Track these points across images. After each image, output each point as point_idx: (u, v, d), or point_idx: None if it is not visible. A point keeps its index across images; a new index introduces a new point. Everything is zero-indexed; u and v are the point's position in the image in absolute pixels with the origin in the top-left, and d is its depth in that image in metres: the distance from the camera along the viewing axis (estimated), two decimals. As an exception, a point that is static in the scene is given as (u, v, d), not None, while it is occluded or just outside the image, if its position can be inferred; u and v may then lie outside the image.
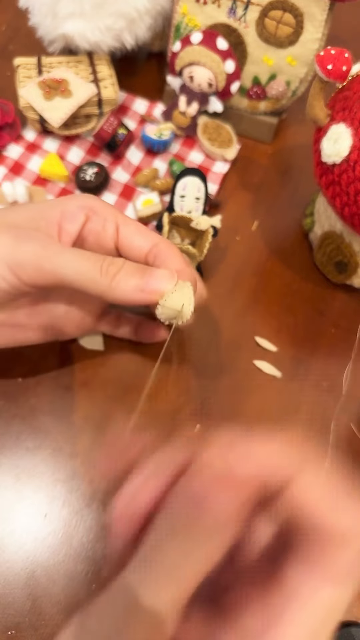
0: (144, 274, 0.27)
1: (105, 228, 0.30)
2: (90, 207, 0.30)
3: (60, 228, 0.29)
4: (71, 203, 0.30)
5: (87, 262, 0.27)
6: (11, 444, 0.33)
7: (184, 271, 0.28)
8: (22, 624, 0.29)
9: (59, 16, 0.43)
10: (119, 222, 0.30)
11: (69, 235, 0.29)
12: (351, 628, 0.30)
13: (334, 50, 0.32)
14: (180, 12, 0.45)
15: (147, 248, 0.30)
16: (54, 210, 0.29)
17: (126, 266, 0.27)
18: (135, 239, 0.30)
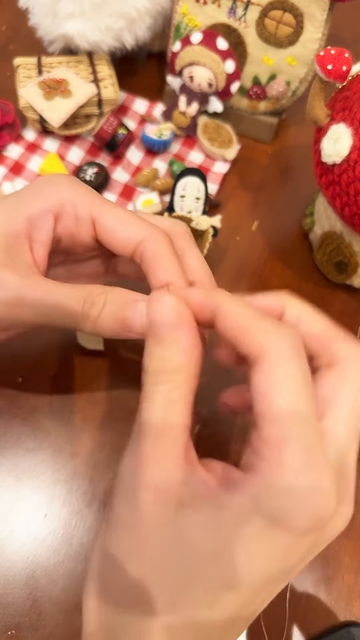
0: (126, 310, 0.24)
1: (79, 226, 0.27)
2: (59, 204, 0.26)
3: (30, 240, 0.26)
4: (36, 205, 0.26)
5: (67, 306, 0.25)
6: (11, 444, 0.33)
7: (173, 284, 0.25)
8: (22, 624, 0.29)
9: (59, 16, 0.43)
10: (95, 213, 0.26)
11: (42, 244, 0.27)
12: (351, 628, 0.30)
13: (334, 50, 0.32)
14: (180, 12, 0.45)
15: (133, 244, 0.26)
16: (18, 221, 0.26)
17: (107, 306, 0.24)
18: (116, 233, 0.26)
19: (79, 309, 0.24)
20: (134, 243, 0.26)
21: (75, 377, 0.36)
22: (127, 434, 0.35)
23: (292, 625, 0.31)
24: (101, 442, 0.34)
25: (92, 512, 0.32)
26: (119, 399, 0.36)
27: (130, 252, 0.26)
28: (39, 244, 0.26)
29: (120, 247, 0.26)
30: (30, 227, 0.26)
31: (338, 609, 0.32)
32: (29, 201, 0.26)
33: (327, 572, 0.33)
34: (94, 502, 0.32)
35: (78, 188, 0.27)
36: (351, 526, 0.34)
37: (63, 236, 0.27)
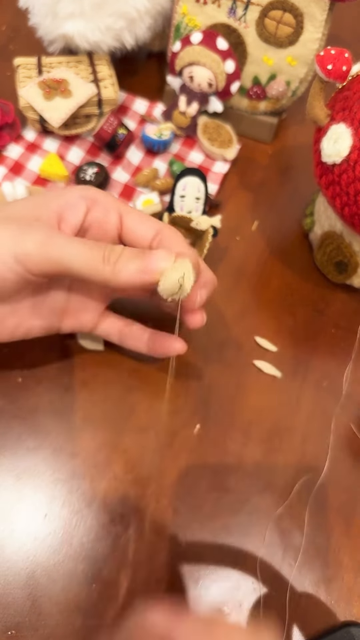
0: (143, 256, 0.28)
1: (108, 217, 0.30)
2: (92, 197, 0.30)
3: (61, 218, 0.29)
4: (72, 194, 0.30)
5: (90, 251, 0.28)
6: (11, 443, 0.33)
7: (185, 253, 0.29)
8: (22, 624, 0.29)
9: (59, 16, 0.43)
10: (122, 211, 0.31)
11: (70, 225, 0.30)
12: (351, 628, 0.30)
13: (334, 50, 0.32)
14: (180, 12, 0.45)
15: (151, 235, 0.30)
16: (55, 201, 0.30)
17: (126, 252, 0.28)
18: (139, 227, 0.30)
19: (100, 252, 0.28)
20: (152, 233, 0.30)
21: (75, 377, 0.36)
22: (127, 433, 0.35)
23: (292, 625, 0.31)
24: (101, 442, 0.34)
25: (92, 511, 0.32)
26: (119, 398, 0.36)
27: (149, 241, 0.30)
28: (67, 223, 0.29)
29: (141, 237, 0.31)
30: (63, 208, 0.29)
31: (338, 609, 0.32)
32: (66, 192, 0.30)
33: (327, 573, 0.33)
34: (94, 502, 0.32)
35: (106, 192, 0.31)
36: (351, 526, 0.34)
37: (93, 225, 0.30)
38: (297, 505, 0.34)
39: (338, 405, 0.38)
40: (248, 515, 0.33)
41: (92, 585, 0.30)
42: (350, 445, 0.37)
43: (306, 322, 0.41)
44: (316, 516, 0.34)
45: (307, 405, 0.38)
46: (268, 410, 0.37)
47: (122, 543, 0.31)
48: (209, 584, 0.31)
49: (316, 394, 0.38)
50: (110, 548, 0.31)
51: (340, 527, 0.34)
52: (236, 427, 0.36)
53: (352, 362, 0.39)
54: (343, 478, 0.35)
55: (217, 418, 0.36)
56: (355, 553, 0.33)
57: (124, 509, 0.32)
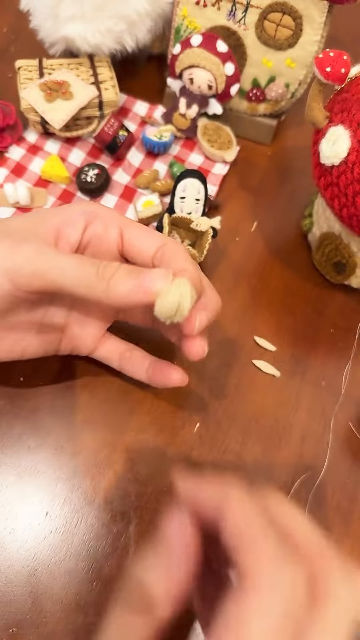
0: (139, 274, 0.26)
1: (108, 232, 0.29)
2: (92, 212, 0.29)
3: (59, 234, 0.29)
4: (72, 210, 0.29)
5: (83, 267, 0.26)
6: (13, 443, 0.34)
7: (187, 270, 0.28)
8: (24, 622, 0.29)
9: (60, 18, 0.43)
10: (122, 226, 0.30)
11: (69, 242, 0.29)
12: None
13: (332, 52, 0.32)
14: (180, 14, 0.46)
15: (153, 250, 0.29)
16: (54, 218, 0.29)
17: (121, 269, 0.27)
18: (140, 242, 0.29)
19: (94, 268, 0.26)
20: (153, 249, 0.29)
21: (76, 376, 0.36)
22: (127, 433, 0.35)
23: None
24: (102, 441, 0.34)
25: (93, 510, 0.32)
26: (120, 397, 0.36)
27: (150, 257, 0.29)
28: (66, 239, 0.29)
29: (143, 253, 0.29)
30: (61, 224, 0.29)
31: (337, 606, 0.32)
32: (66, 208, 0.30)
33: (326, 570, 0.33)
34: (95, 501, 0.33)
35: (107, 207, 0.30)
36: (350, 525, 0.34)
37: (92, 240, 0.30)
38: (296, 503, 0.34)
39: (337, 404, 0.38)
40: (248, 513, 0.34)
41: (93, 583, 0.31)
42: (349, 444, 0.37)
43: (305, 322, 0.41)
44: (315, 515, 0.34)
45: (306, 404, 0.38)
46: (267, 410, 0.37)
47: (123, 541, 0.32)
48: (208, 581, 0.32)
49: (315, 393, 0.38)
50: (111, 546, 0.32)
51: (339, 525, 0.34)
52: (236, 426, 0.36)
53: (350, 362, 0.39)
54: (342, 477, 0.36)
55: (216, 417, 0.37)
56: (355, 551, 0.33)
57: (125, 508, 0.33)
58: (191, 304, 0.26)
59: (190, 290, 0.26)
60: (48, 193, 0.44)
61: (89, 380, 0.36)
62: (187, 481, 0.23)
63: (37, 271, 0.26)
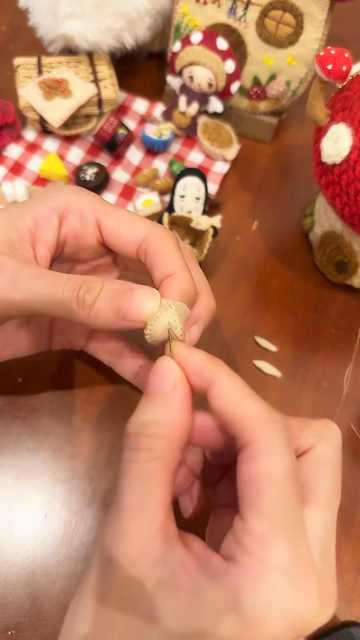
0: (123, 297, 0.24)
1: (84, 226, 0.27)
2: (65, 205, 0.27)
3: (34, 238, 0.26)
4: (43, 206, 0.26)
5: (62, 292, 0.24)
6: (11, 444, 0.33)
7: (177, 274, 0.25)
8: (22, 624, 0.29)
9: (59, 16, 0.43)
10: (100, 215, 0.27)
11: (46, 244, 0.27)
12: (351, 628, 0.30)
13: (334, 50, 0.32)
14: (180, 12, 0.45)
15: (136, 242, 0.26)
16: (25, 219, 0.26)
17: (104, 292, 0.24)
18: (121, 233, 0.26)
19: (74, 293, 0.24)
20: (138, 240, 0.26)
21: (75, 378, 0.36)
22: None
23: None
24: (101, 442, 0.34)
25: (92, 512, 0.32)
26: (118, 398, 0.36)
27: (135, 250, 0.26)
28: (43, 243, 0.26)
29: (125, 246, 0.26)
30: (34, 226, 0.26)
31: (338, 609, 0.32)
32: (36, 205, 0.27)
33: (327, 572, 0.33)
34: (94, 502, 0.32)
35: (82, 193, 0.27)
36: (351, 526, 0.34)
37: (68, 237, 0.27)
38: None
39: (338, 405, 0.38)
40: (248, 515, 0.33)
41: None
42: (350, 445, 0.37)
43: (306, 322, 0.41)
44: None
45: (307, 405, 0.38)
46: (268, 411, 0.37)
47: (122, 543, 0.31)
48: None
49: (316, 394, 0.38)
50: (110, 548, 0.31)
51: (340, 526, 0.34)
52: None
53: (352, 362, 0.39)
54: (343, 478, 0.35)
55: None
56: (356, 553, 0.33)
57: (124, 509, 0.32)
58: (183, 325, 0.24)
59: (182, 311, 0.24)
60: (47, 192, 0.44)
61: (87, 381, 0.36)
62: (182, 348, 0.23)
63: (12, 299, 0.24)
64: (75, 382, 0.36)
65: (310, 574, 0.18)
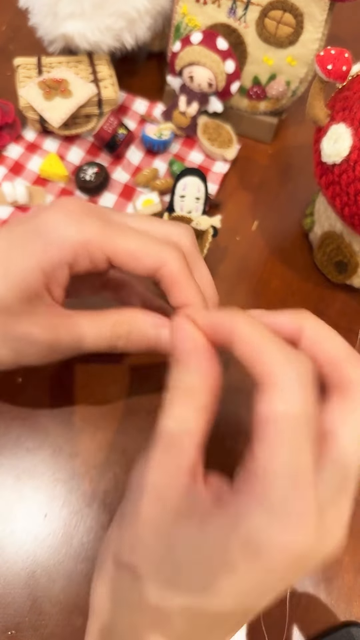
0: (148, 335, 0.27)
1: (94, 264, 0.27)
2: (72, 253, 0.26)
3: (47, 286, 0.26)
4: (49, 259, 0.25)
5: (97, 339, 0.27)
6: (11, 444, 0.33)
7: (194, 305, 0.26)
8: (22, 624, 0.29)
9: (59, 16, 0.43)
10: (108, 252, 0.26)
11: (59, 286, 0.27)
12: (351, 628, 0.30)
13: (334, 50, 0.32)
14: (180, 12, 0.45)
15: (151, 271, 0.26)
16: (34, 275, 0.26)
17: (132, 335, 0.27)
18: (133, 264, 0.26)
19: (107, 343, 0.27)
20: (152, 270, 0.26)
21: (75, 378, 0.36)
22: (127, 433, 0.35)
23: (292, 625, 0.31)
24: (101, 442, 0.34)
25: (92, 512, 0.32)
26: (119, 398, 0.36)
27: (149, 276, 0.27)
28: (56, 286, 0.27)
29: (139, 274, 0.27)
30: (46, 279, 0.26)
31: (338, 609, 0.32)
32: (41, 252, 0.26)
33: (327, 572, 0.33)
34: (94, 502, 0.32)
35: (88, 229, 0.26)
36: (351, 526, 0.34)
37: (80, 273, 0.27)
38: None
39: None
40: (248, 515, 0.33)
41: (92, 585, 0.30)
42: (350, 445, 0.36)
43: (306, 322, 0.41)
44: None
45: (307, 405, 0.38)
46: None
47: (122, 543, 0.32)
48: (209, 584, 0.31)
49: (316, 394, 0.38)
50: (110, 548, 0.31)
51: (340, 527, 0.34)
52: (236, 426, 0.36)
53: (352, 362, 0.39)
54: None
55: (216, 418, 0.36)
56: (355, 553, 0.33)
57: (124, 509, 0.32)
58: None
59: None
60: (47, 192, 0.44)
61: (87, 381, 0.36)
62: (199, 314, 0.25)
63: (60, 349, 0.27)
64: (75, 383, 0.36)
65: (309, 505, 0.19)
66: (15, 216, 0.43)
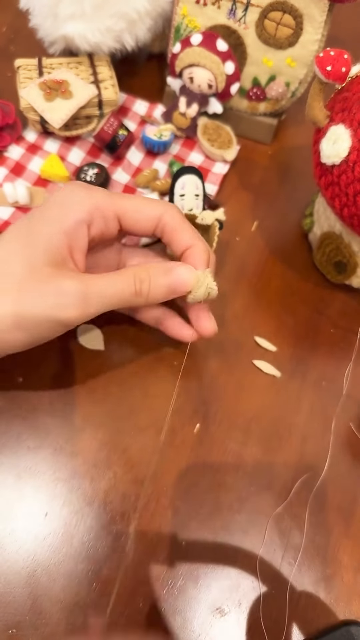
0: (169, 275, 0.30)
1: (107, 225, 0.31)
2: (89, 214, 0.30)
3: (70, 249, 0.30)
4: (70, 220, 0.30)
5: (123, 291, 0.29)
6: (12, 443, 0.34)
7: (196, 246, 0.31)
8: (23, 623, 0.29)
9: (60, 17, 0.43)
10: (117, 211, 0.31)
11: (80, 251, 0.30)
12: (351, 627, 0.30)
13: (333, 51, 0.32)
14: (180, 13, 0.46)
15: (153, 225, 0.32)
16: (59, 236, 0.29)
17: (153, 279, 0.30)
18: (138, 220, 0.32)
19: (132, 290, 0.29)
20: (154, 221, 0.31)
21: (76, 377, 0.36)
22: (127, 433, 0.35)
23: (291, 624, 0.31)
24: (101, 441, 0.34)
25: (92, 511, 0.32)
26: (119, 398, 0.36)
27: (152, 231, 0.32)
28: (78, 251, 0.30)
29: (143, 229, 0.32)
30: (68, 240, 0.29)
31: (337, 608, 0.32)
32: (62, 219, 0.30)
33: (327, 572, 0.33)
34: (95, 501, 0.33)
35: (97, 194, 0.31)
36: (351, 526, 0.34)
37: (96, 237, 0.31)
38: (297, 504, 0.34)
39: (338, 405, 0.38)
40: (248, 514, 0.33)
41: (92, 584, 0.30)
42: (350, 445, 0.37)
43: (306, 322, 0.41)
44: (316, 515, 0.34)
45: (307, 405, 0.38)
46: (268, 410, 0.37)
47: (122, 542, 0.32)
48: (208, 582, 0.31)
49: (316, 393, 0.38)
50: (111, 547, 0.31)
51: (340, 526, 0.34)
52: (236, 426, 0.36)
53: (352, 362, 0.39)
54: (343, 477, 0.36)
55: (216, 418, 0.36)
56: (355, 552, 0.33)
57: (124, 509, 0.32)
58: (216, 287, 0.31)
59: (212, 275, 0.31)
60: (47, 192, 0.44)
61: (88, 380, 0.36)
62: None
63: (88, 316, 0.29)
64: (75, 381, 0.36)
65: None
66: (16, 217, 0.43)
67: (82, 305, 0.28)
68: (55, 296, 0.28)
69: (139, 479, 0.33)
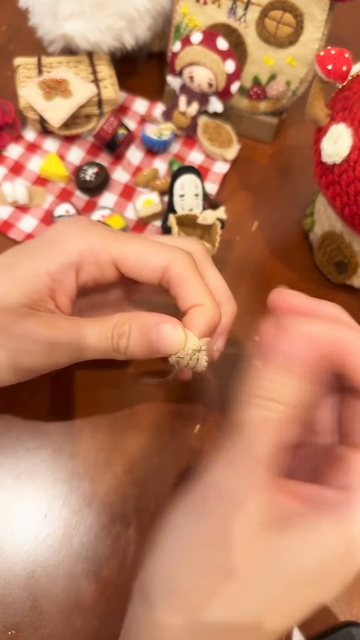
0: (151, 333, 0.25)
1: (101, 270, 0.27)
2: (78, 257, 0.26)
3: (53, 292, 0.27)
4: (56, 261, 0.26)
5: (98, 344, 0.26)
6: (11, 444, 0.33)
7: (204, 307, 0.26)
8: (22, 624, 0.29)
9: (59, 16, 0.43)
10: (115, 256, 0.27)
11: (66, 294, 0.27)
12: (351, 628, 0.30)
13: (334, 50, 0.32)
14: (181, 12, 0.45)
15: (158, 274, 0.27)
16: (40, 279, 0.26)
17: (132, 335, 0.25)
18: (141, 267, 0.27)
19: (109, 345, 0.25)
20: (159, 272, 0.26)
21: (76, 378, 0.36)
22: (127, 433, 0.35)
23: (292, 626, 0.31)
24: (101, 442, 0.34)
25: (92, 512, 0.32)
26: (118, 398, 0.36)
27: (157, 281, 0.27)
28: (62, 294, 0.27)
29: (147, 279, 0.27)
30: (52, 283, 0.26)
31: (338, 609, 0.32)
32: (48, 257, 0.27)
33: (327, 572, 0.33)
34: (94, 502, 0.32)
35: (91, 234, 0.27)
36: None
37: (87, 282, 0.28)
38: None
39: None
40: (248, 515, 0.33)
41: (92, 585, 0.30)
42: (350, 445, 0.36)
43: (306, 322, 0.41)
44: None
45: (307, 405, 0.38)
46: (268, 411, 0.37)
47: (122, 543, 0.31)
48: (209, 584, 0.31)
49: (316, 394, 0.38)
50: (110, 548, 0.31)
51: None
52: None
53: (352, 362, 0.39)
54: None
55: (216, 418, 0.36)
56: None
57: (124, 509, 0.32)
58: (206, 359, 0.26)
59: (206, 345, 0.26)
60: (47, 192, 0.44)
61: (88, 381, 0.36)
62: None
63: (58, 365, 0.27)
64: (75, 382, 0.36)
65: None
66: (16, 216, 0.43)
67: (46, 353, 0.26)
68: (18, 340, 0.25)
69: (139, 480, 0.33)
